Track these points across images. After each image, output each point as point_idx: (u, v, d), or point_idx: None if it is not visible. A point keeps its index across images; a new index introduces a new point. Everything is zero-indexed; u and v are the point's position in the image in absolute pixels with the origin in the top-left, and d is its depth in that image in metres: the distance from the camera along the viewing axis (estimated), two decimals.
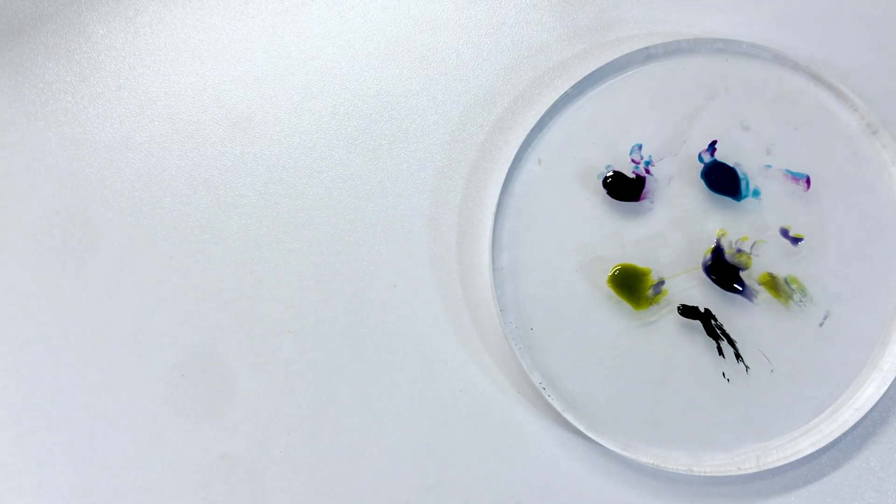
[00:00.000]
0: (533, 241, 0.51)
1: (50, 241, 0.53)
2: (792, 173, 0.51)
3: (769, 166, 0.51)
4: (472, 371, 0.52)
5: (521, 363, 0.50)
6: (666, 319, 0.51)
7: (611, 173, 0.51)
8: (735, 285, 0.50)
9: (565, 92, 0.51)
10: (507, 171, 0.51)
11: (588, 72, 0.51)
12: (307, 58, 0.54)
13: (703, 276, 0.51)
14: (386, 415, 0.52)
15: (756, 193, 0.51)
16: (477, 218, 0.52)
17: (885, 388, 0.50)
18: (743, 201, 0.51)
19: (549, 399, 0.50)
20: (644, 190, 0.51)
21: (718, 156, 0.51)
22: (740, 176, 0.51)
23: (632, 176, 0.51)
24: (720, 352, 0.50)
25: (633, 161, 0.51)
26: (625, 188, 0.51)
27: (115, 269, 0.53)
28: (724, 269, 0.50)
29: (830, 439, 0.49)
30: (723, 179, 0.51)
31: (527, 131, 0.51)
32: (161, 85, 0.54)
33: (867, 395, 0.50)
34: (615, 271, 0.51)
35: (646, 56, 0.51)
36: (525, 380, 0.51)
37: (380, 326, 0.52)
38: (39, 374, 0.52)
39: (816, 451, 0.50)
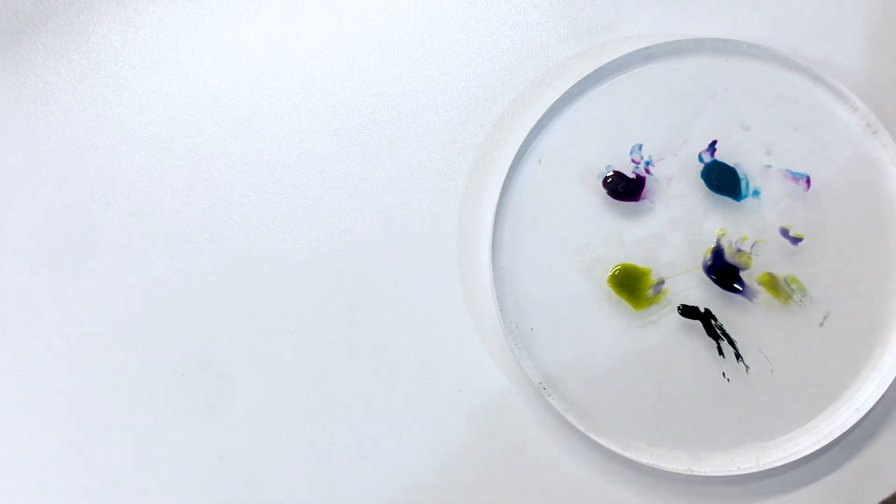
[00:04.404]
0: (533, 241, 0.51)
1: (50, 241, 0.53)
2: (792, 173, 0.51)
3: (769, 166, 0.51)
4: (472, 371, 0.52)
5: (521, 363, 0.50)
6: (666, 319, 0.51)
7: (611, 173, 0.51)
8: (735, 285, 0.50)
9: (565, 92, 0.51)
10: (507, 171, 0.51)
11: (588, 72, 0.51)
12: (307, 58, 0.54)
13: (703, 276, 0.51)
14: (386, 415, 0.52)
15: (756, 193, 0.51)
16: (477, 218, 0.52)
17: (885, 388, 0.50)
18: (743, 201, 0.51)
19: (549, 399, 0.50)
20: (644, 190, 0.51)
21: (718, 156, 0.51)
22: (740, 176, 0.51)
23: (632, 176, 0.51)
24: (720, 352, 0.50)
25: (633, 161, 0.51)
26: (625, 188, 0.51)
27: (115, 269, 0.53)
28: (724, 269, 0.51)
29: (830, 439, 0.49)
30: (723, 179, 0.51)
31: (527, 131, 0.51)
32: (161, 85, 0.54)
33: (867, 395, 0.50)
34: (615, 271, 0.51)
35: (646, 56, 0.51)
36: (525, 379, 0.51)
37: (380, 326, 0.52)
38: (39, 374, 0.52)
39: (816, 451, 0.50)
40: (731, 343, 0.50)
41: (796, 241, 0.51)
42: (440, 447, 0.51)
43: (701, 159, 0.51)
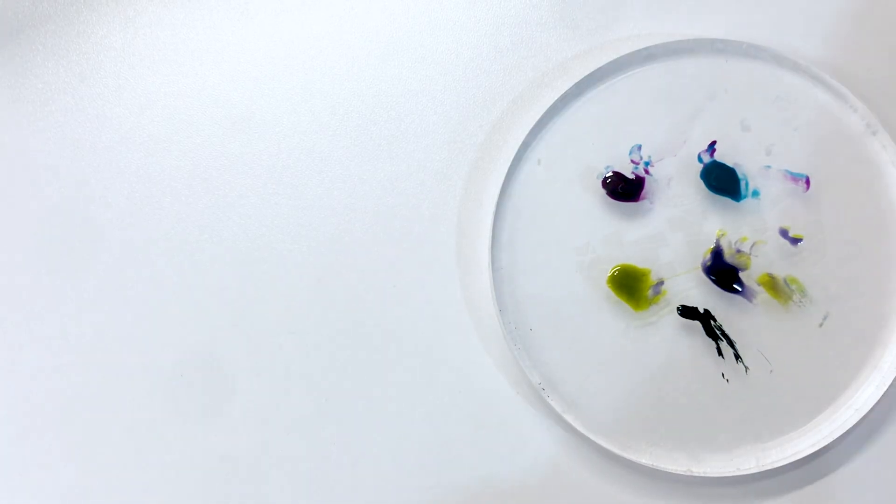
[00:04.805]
0: (533, 241, 0.51)
1: (50, 241, 0.53)
2: (792, 173, 0.51)
3: (769, 167, 0.51)
4: (471, 371, 0.52)
5: (520, 363, 0.50)
6: (666, 320, 0.51)
7: (610, 173, 0.51)
8: (735, 286, 0.50)
9: (565, 92, 0.51)
10: (506, 171, 0.51)
11: (588, 72, 0.51)
12: (307, 58, 0.54)
13: (703, 276, 0.51)
14: (386, 415, 0.52)
15: (755, 194, 0.51)
16: (476, 218, 0.52)
17: (885, 388, 0.50)
18: (742, 202, 0.51)
19: (549, 399, 0.50)
20: (643, 190, 0.51)
21: (718, 156, 0.51)
22: (740, 176, 0.51)
23: (631, 176, 0.51)
24: (720, 352, 0.50)
25: (632, 161, 0.51)
26: (624, 188, 0.51)
27: (115, 269, 0.53)
28: (723, 270, 0.50)
29: (830, 439, 0.49)
30: (722, 180, 0.51)
31: (526, 132, 0.51)
32: (161, 85, 0.54)
33: (867, 395, 0.50)
34: (615, 271, 0.51)
35: (646, 56, 0.51)
36: (525, 380, 0.51)
37: (380, 326, 0.52)
38: (39, 374, 0.53)
39: (816, 451, 0.50)
40: (731, 344, 0.50)
41: (796, 241, 0.51)
42: (439, 447, 0.51)
43: (700, 160, 0.51)
